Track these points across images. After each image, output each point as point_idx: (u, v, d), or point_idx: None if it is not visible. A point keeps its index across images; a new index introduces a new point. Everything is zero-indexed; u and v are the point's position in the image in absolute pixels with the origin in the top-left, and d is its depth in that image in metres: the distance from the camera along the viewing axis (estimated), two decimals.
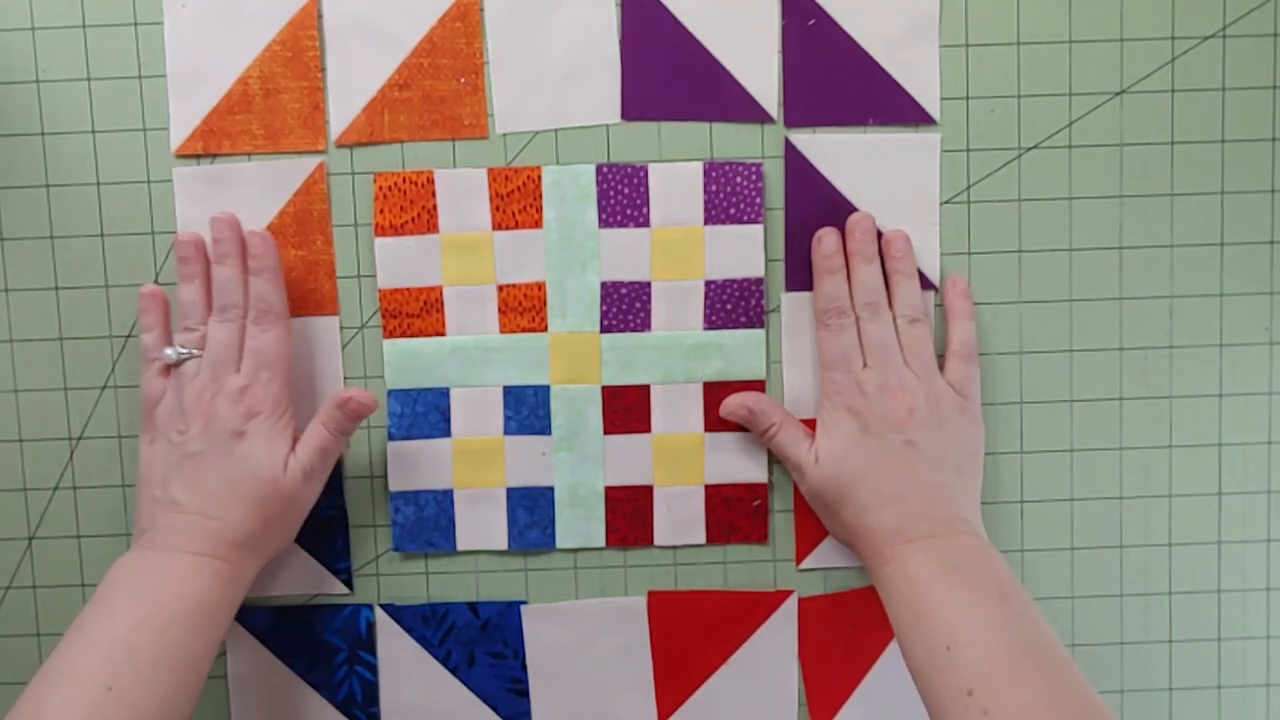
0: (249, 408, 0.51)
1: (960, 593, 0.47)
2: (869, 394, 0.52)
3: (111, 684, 0.43)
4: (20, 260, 0.56)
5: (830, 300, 0.53)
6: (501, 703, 0.57)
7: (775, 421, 0.54)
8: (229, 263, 0.52)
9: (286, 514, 0.52)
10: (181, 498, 0.50)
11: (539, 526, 0.57)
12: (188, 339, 0.52)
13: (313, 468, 0.52)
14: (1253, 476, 0.57)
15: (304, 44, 0.54)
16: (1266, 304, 0.57)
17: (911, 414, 0.51)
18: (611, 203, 0.55)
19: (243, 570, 0.50)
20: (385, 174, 0.55)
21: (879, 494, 0.51)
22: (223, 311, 0.52)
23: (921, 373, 0.52)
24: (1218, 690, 0.58)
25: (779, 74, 0.55)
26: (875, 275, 0.53)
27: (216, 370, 0.51)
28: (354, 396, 0.51)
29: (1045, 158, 0.56)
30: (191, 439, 0.50)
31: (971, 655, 0.44)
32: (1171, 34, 0.55)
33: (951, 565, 0.48)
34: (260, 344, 0.52)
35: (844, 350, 0.53)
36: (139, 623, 0.45)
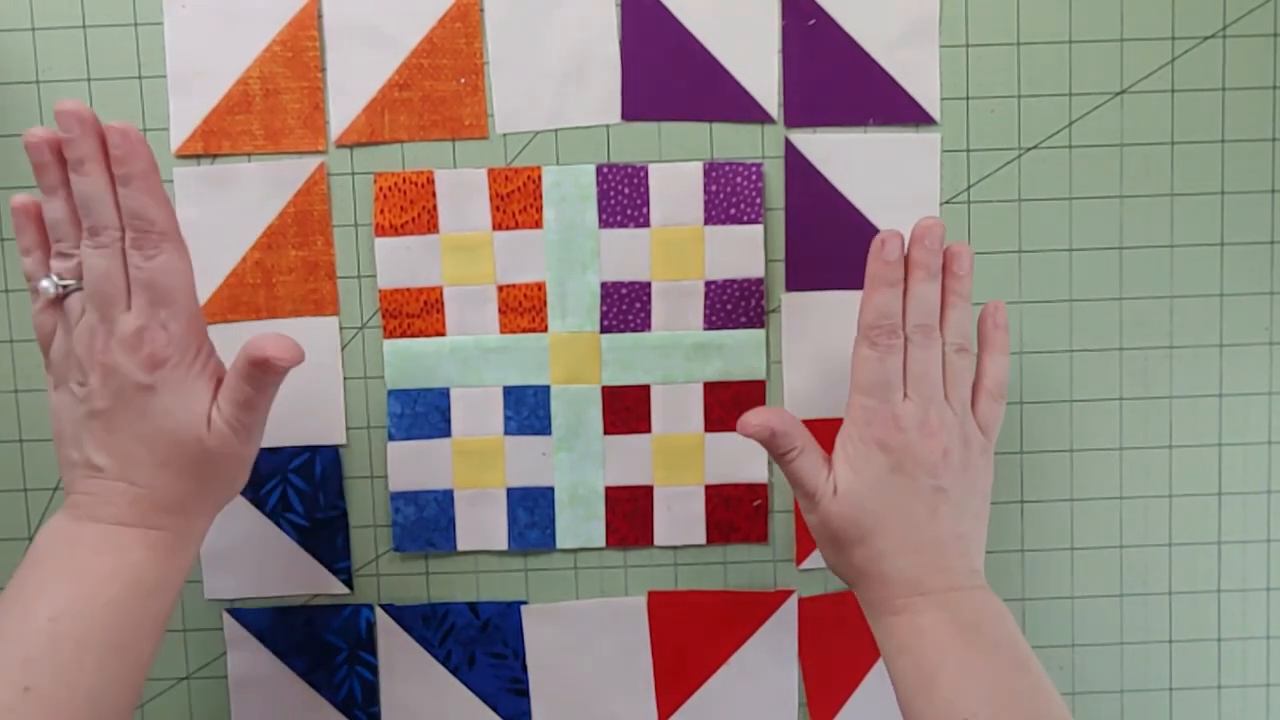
0: (150, 354, 0.42)
1: (980, 660, 0.44)
2: (907, 429, 0.47)
3: (29, 684, 0.38)
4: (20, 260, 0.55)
5: (883, 316, 0.47)
6: (501, 703, 0.57)
7: (797, 446, 0.48)
8: (88, 168, 0.42)
9: (220, 472, 0.45)
10: (100, 461, 0.43)
11: (539, 526, 0.57)
12: (65, 266, 0.43)
13: (240, 421, 0.44)
14: (1253, 476, 0.57)
15: (304, 44, 0.54)
16: (1266, 304, 0.57)
17: (946, 456, 0.47)
18: (611, 203, 0.55)
19: (186, 534, 0.44)
20: (385, 174, 0.55)
21: (901, 541, 0.46)
22: (94, 234, 0.42)
23: (959, 410, 0.48)
24: (1218, 690, 0.58)
25: (779, 74, 0.55)
26: (935, 294, 0.48)
27: (103, 309, 0.42)
28: (270, 357, 0.43)
29: (1045, 158, 0.56)
30: (94, 393, 0.42)
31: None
32: (1171, 34, 0.55)
33: (970, 626, 0.45)
34: (148, 274, 0.42)
35: (888, 377, 0.47)
36: (61, 610, 0.40)
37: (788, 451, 0.48)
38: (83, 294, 0.43)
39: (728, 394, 0.56)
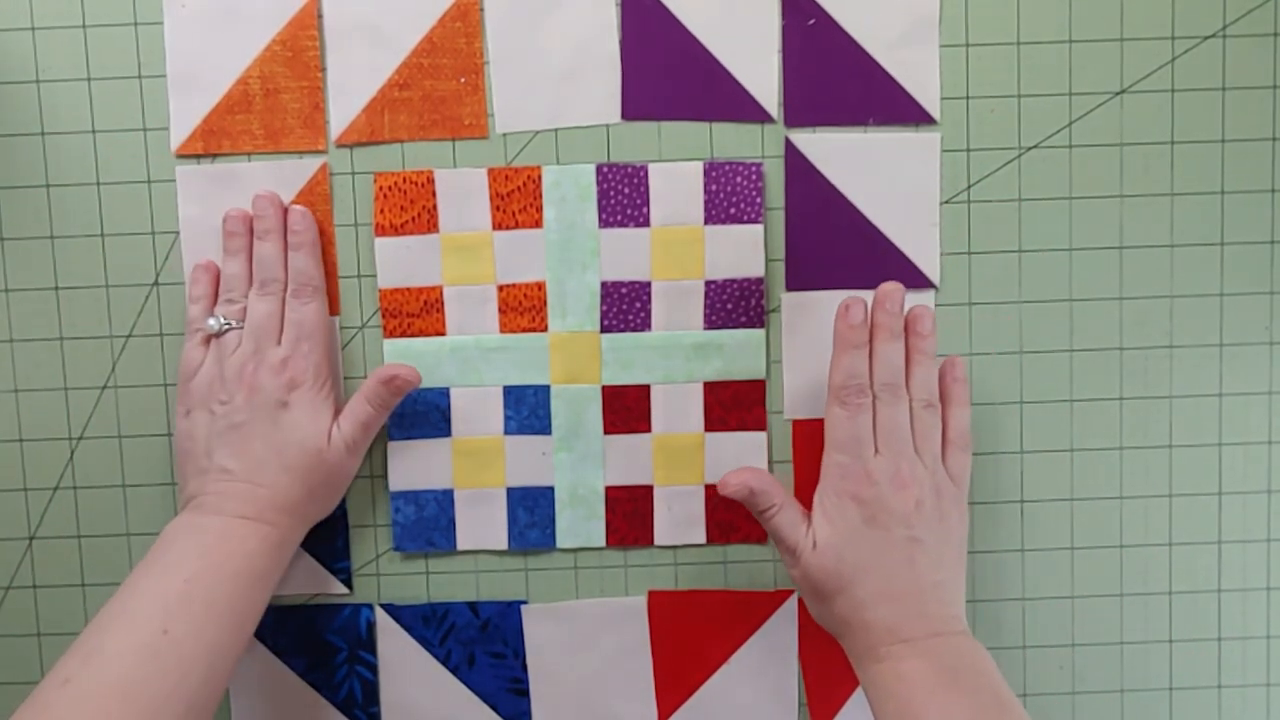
0: (291, 378, 0.52)
1: (961, 702, 0.46)
2: (879, 483, 0.50)
3: (168, 628, 0.45)
4: (20, 260, 0.56)
5: (850, 377, 0.51)
6: (501, 703, 0.57)
7: (776, 503, 0.51)
8: (271, 238, 0.53)
9: (329, 484, 0.53)
10: (231, 465, 0.51)
11: (539, 526, 0.57)
12: (229, 311, 0.53)
13: (355, 441, 0.53)
14: (1253, 476, 0.57)
15: (304, 44, 0.54)
16: (1266, 304, 0.57)
17: (919, 508, 0.49)
18: (611, 203, 0.55)
19: (289, 536, 0.52)
20: (385, 174, 0.55)
21: (880, 590, 0.49)
22: (264, 285, 0.53)
23: (929, 462, 0.51)
24: (1218, 690, 0.58)
25: (779, 74, 0.55)
26: (899, 354, 0.51)
27: (259, 342, 0.52)
28: (399, 374, 0.53)
29: (1045, 158, 0.56)
30: (236, 409, 0.51)
31: None
32: (1171, 34, 0.55)
33: (950, 670, 0.47)
34: (300, 316, 0.53)
35: (858, 434, 0.50)
36: (193, 575, 0.47)
37: (767, 509, 0.52)
38: (241, 332, 0.53)
39: (728, 394, 0.56)
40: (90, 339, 0.56)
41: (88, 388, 0.56)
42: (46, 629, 0.57)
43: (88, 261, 0.56)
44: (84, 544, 0.57)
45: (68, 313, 0.56)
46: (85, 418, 0.56)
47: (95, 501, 0.57)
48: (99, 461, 0.56)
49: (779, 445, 0.57)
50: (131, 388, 0.56)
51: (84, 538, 0.57)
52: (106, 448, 0.56)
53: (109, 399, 0.56)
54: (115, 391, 0.56)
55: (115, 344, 0.56)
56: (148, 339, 0.56)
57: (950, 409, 0.52)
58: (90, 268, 0.56)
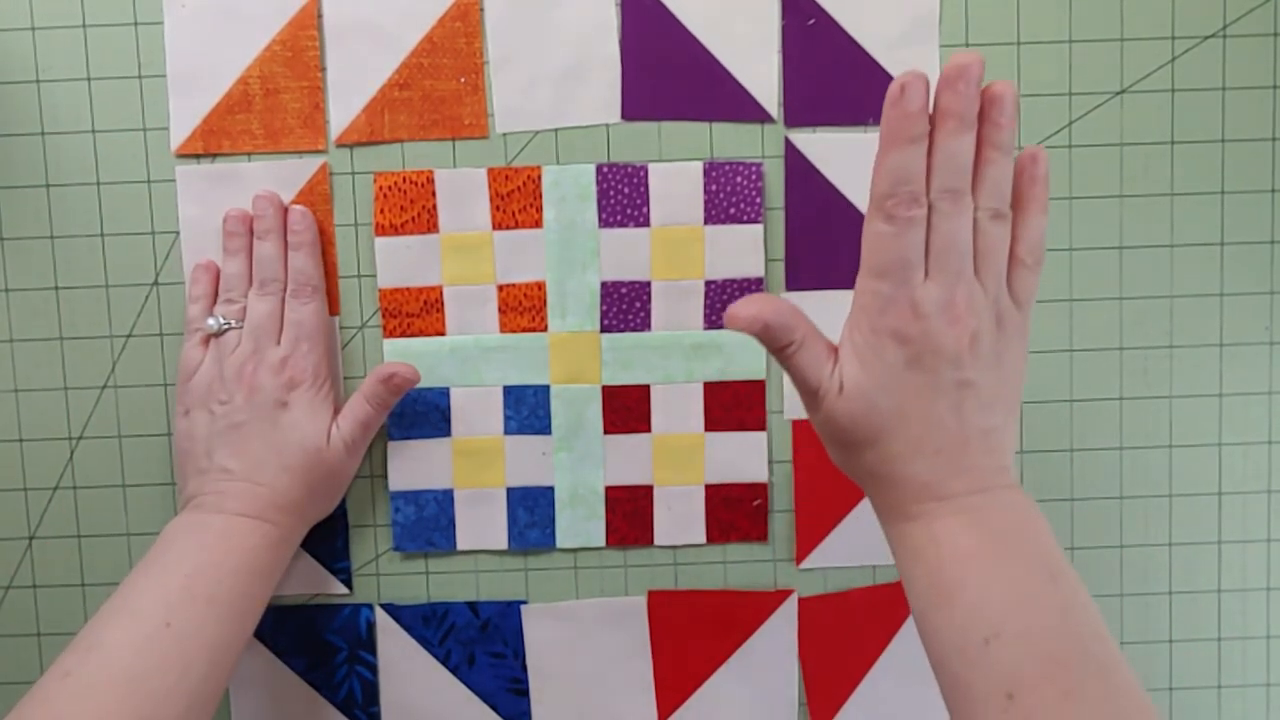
0: (290, 378, 0.52)
1: (1005, 570, 0.39)
2: (928, 317, 0.40)
3: (170, 621, 0.45)
4: (20, 260, 0.56)
5: (903, 181, 0.40)
6: (501, 703, 0.57)
7: (796, 338, 0.42)
8: (270, 238, 0.53)
9: (329, 483, 0.53)
10: (231, 465, 0.51)
11: (539, 526, 0.57)
12: (229, 311, 0.53)
13: (354, 440, 0.53)
14: (1253, 476, 0.57)
15: (304, 44, 0.54)
16: (1266, 304, 0.57)
17: (974, 344, 0.40)
18: (611, 202, 0.55)
19: (289, 535, 0.52)
20: (385, 174, 0.55)
21: (919, 442, 0.41)
22: (263, 285, 0.53)
23: (993, 287, 0.41)
24: (1218, 690, 0.58)
25: (779, 74, 0.55)
26: (970, 149, 0.40)
27: (258, 342, 0.52)
28: (398, 371, 0.53)
29: None
30: (236, 409, 0.51)
31: (1016, 653, 0.37)
32: (1171, 34, 0.55)
33: (994, 533, 0.40)
34: (300, 316, 0.53)
35: (906, 255, 0.40)
36: (195, 570, 0.47)
37: (786, 345, 0.42)
38: (240, 332, 0.52)
39: (728, 394, 0.56)
40: (90, 339, 0.56)
41: (88, 388, 0.56)
42: (46, 629, 0.57)
43: (88, 261, 0.56)
44: (84, 544, 0.57)
45: (68, 313, 0.56)
46: (85, 418, 0.56)
47: (95, 501, 0.57)
48: (99, 461, 0.56)
49: (779, 445, 0.57)
50: (131, 388, 0.56)
51: (84, 537, 0.57)
52: (106, 448, 0.56)
53: (109, 399, 0.56)
54: (115, 391, 0.56)
55: (115, 344, 0.56)
56: (148, 339, 0.56)
57: (1024, 216, 0.42)
58: (90, 268, 0.56)
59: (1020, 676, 0.37)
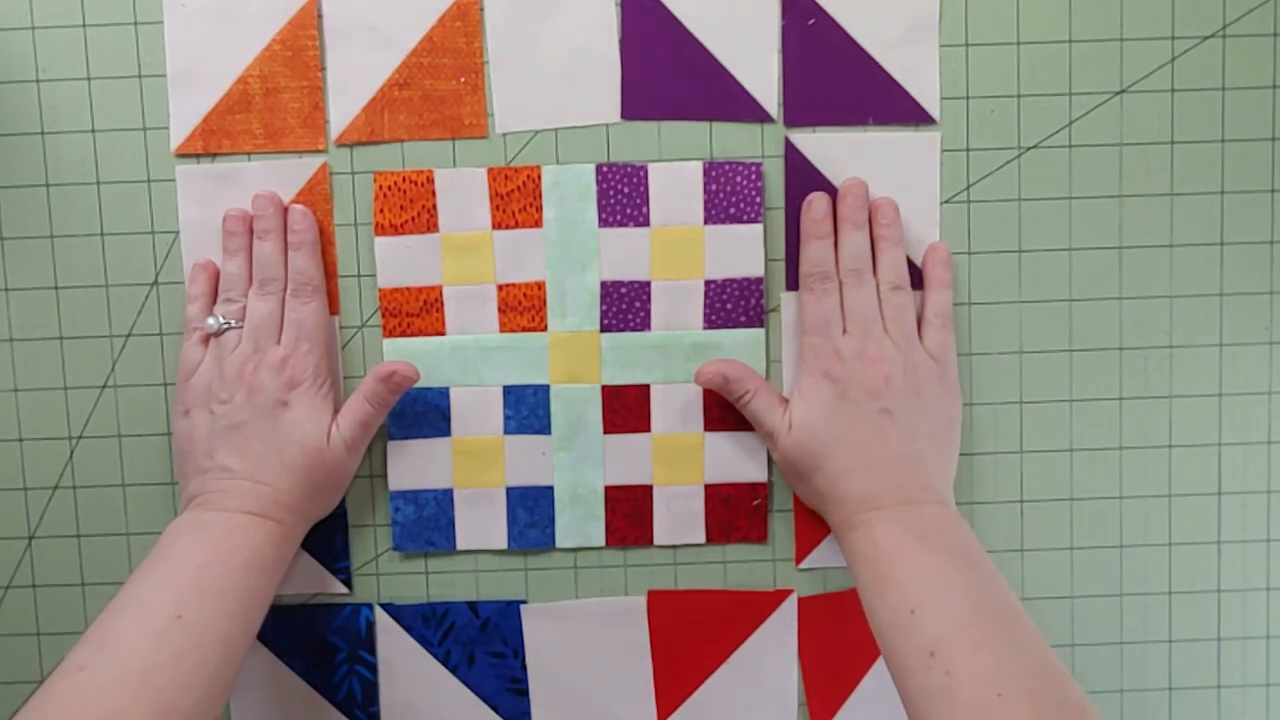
0: (291, 377, 0.52)
1: (927, 558, 0.47)
2: (847, 360, 0.52)
3: (181, 613, 0.45)
4: (20, 260, 0.56)
5: (816, 265, 0.53)
6: (501, 702, 0.57)
7: (750, 389, 0.53)
8: (270, 238, 0.53)
9: (330, 482, 0.53)
10: (232, 464, 0.51)
11: (539, 526, 0.57)
12: (229, 310, 0.53)
13: (354, 439, 0.53)
14: (1253, 476, 0.57)
15: (304, 44, 0.54)
16: (1266, 304, 0.57)
17: (888, 382, 0.51)
18: (611, 202, 0.55)
19: (292, 533, 0.52)
20: (385, 173, 0.55)
21: (852, 462, 0.51)
22: (263, 285, 0.53)
23: (901, 341, 0.52)
24: (1218, 690, 0.58)
25: (779, 74, 0.55)
26: (863, 242, 0.54)
27: (259, 341, 0.52)
28: (397, 370, 0.53)
29: (1045, 158, 0.56)
30: (236, 408, 0.51)
31: (935, 618, 0.44)
32: (1171, 34, 0.55)
33: (919, 533, 0.48)
34: (300, 316, 0.53)
35: (825, 316, 0.53)
36: (203, 564, 0.48)
37: (743, 395, 0.54)
38: (240, 331, 0.53)
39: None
40: (90, 339, 0.56)
41: (87, 387, 0.56)
42: (46, 629, 0.57)
43: (88, 261, 0.56)
44: (83, 544, 0.57)
45: (68, 313, 0.56)
46: (85, 417, 0.56)
47: (95, 501, 0.57)
48: (98, 461, 0.56)
49: None
50: (131, 387, 0.56)
51: (83, 537, 0.57)
52: (106, 447, 0.56)
53: (109, 398, 0.56)
54: (115, 391, 0.56)
55: (115, 344, 0.56)
56: (148, 339, 0.56)
57: (930, 291, 0.55)
58: (90, 268, 0.56)
59: (939, 637, 0.44)
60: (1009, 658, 0.43)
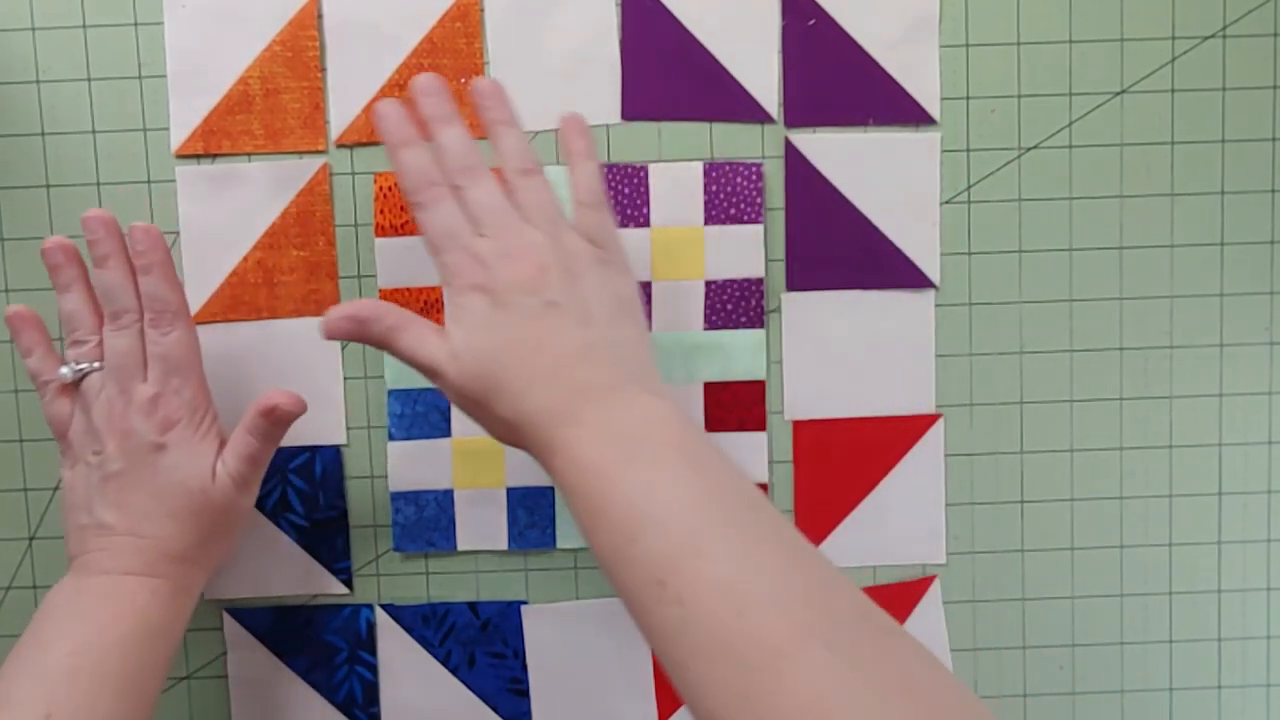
0: (164, 417, 0.47)
1: (643, 474, 0.40)
2: (491, 264, 0.44)
3: (50, 711, 0.41)
4: (20, 260, 0.56)
5: (416, 176, 0.46)
6: (501, 703, 0.57)
7: (390, 324, 0.46)
8: (111, 263, 0.48)
9: (221, 524, 0.49)
10: (110, 519, 0.47)
11: (539, 526, 0.57)
12: (81, 353, 0.48)
13: (242, 475, 0.49)
14: (1253, 476, 0.57)
15: (304, 44, 0.54)
16: (1266, 304, 0.57)
17: (543, 272, 0.44)
18: (611, 203, 0.55)
19: (185, 584, 0.48)
20: (386, 174, 0.55)
21: (530, 372, 0.43)
22: (116, 318, 0.48)
23: (547, 228, 0.45)
24: (1218, 690, 0.58)
25: (779, 74, 0.55)
26: (462, 138, 0.46)
27: (123, 382, 0.47)
28: (279, 404, 0.48)
29: (1045, 158, 0.56)
30: (109, 458, 0.47)
31: (657, 542, 0.38)
32: (1171, 34, 0.55)
33: (628, 441, 0.41)
34: (164, 348, 0.48)
35: (447, 225, 0.45)
36: (76, 647, 0.44)
37: (384, 333, 0.46)
38: (102, 373, 0.48)
39: (727, 394, 0.56)
40: None
41: None
42: None
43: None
44: None
45: None
46: None
47: None
48: None
49: (779, 445, 0.57)
50: None
51: None
52: None
53: None
54: None
55: None
56: None
57: (572, 165, 0.48)
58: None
59: (666, 563, 0.37)
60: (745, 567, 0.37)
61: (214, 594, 0.57)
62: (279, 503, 0.56)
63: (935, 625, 0.57)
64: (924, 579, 0.58)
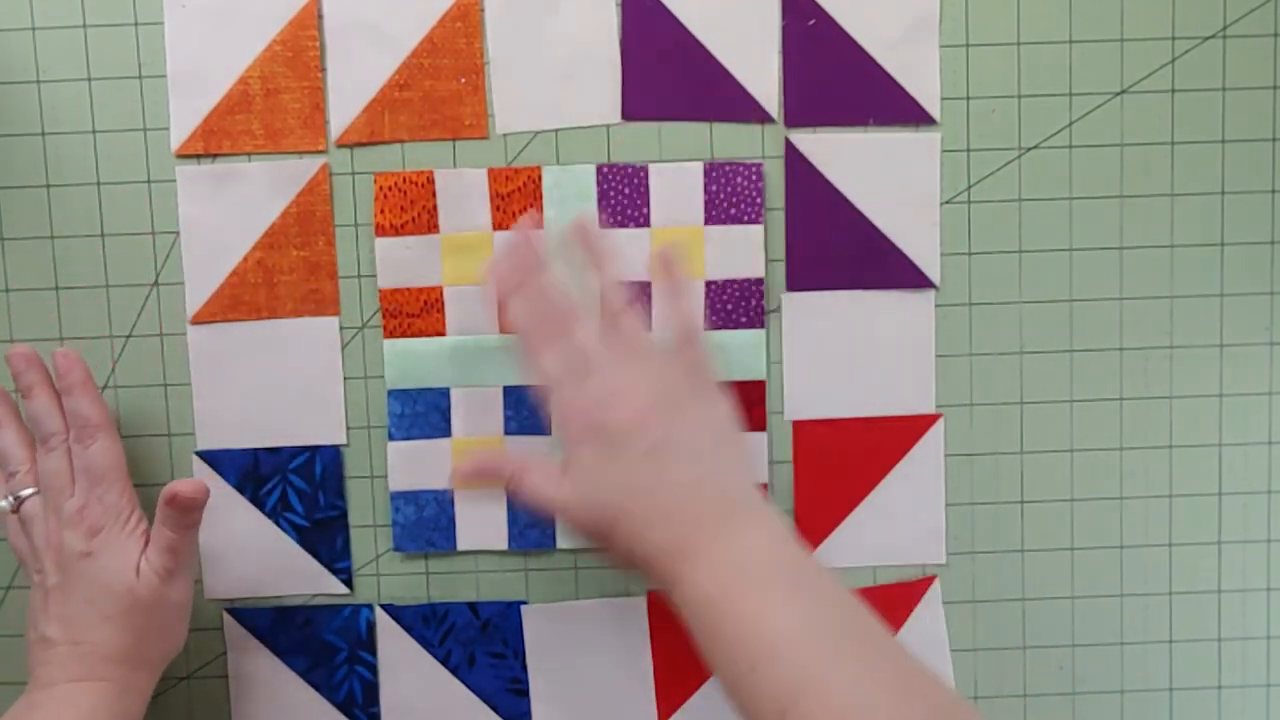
0: (90, 525, 0.50)
1: (753, 601, 0.42)
2: (598, 409, 0.46)
3: None
4: (20, 260, 0.56)
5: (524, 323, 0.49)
6: (501, 703, 0.57)
7: (510, 473, 0.49)
8: (37, 392, 0.52)
9: (154, 619, 0.50)
10: (51, 633, 0.49)
11: (539, 526, 0.57)
12: (15, 482, 0.52)
13: (167, 568, 0.50)
14: (1253, 476, 0.57)
15: (304, 44, 0.54)
16: (1266, 304, 0.57)
17: (648, 412, 0.46)
18: (612, 203, 0.55)
19: (130, 685, 0.49)
20: (385, 174, 0.55)
21: (645, 512, 0.45)
22: (45, 441, 0.51)
23: (647, 366, 0.48)
24: (1218, 690, 0.58)
25: (779, 74, 0.55)
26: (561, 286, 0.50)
27: (54, 500, 0.50)
28: (179, 491, 0.49)
29: (1045, 158, 0.56)
30: (48, 574, 0.50)
31: (774, 672, 0.40)
32: (1171, 34, 0.55)
33: (739, 572, 0.43)
34: (87, 461, 0.50)
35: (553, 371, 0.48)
36: None
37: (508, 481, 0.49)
38: (39, 497, 0.51)
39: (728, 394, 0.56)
40: (90, 339, 0.56)
41: None
42: None
43: (88, 261, 0.55)
44: None
45: (68, 313, 0.56)
46: None
47: None
48: None
49: (779, 445, 0.57)
50: (131, 387, 0.56)
51: None
52: None
53: (108, 399, 0.56)
54: (115, 391, 0.56)
55: (115, 344, 0.56)
56: (148, 339, 0.56)
57: (668, 302, 0.52)
58: (90, 268, 0.56)
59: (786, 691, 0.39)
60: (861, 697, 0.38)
61: (214, 594, 0.57)
62: (279, 502, 0.56)
63: (935, 625, 0.57)
64: (924, 579, 0.58)
